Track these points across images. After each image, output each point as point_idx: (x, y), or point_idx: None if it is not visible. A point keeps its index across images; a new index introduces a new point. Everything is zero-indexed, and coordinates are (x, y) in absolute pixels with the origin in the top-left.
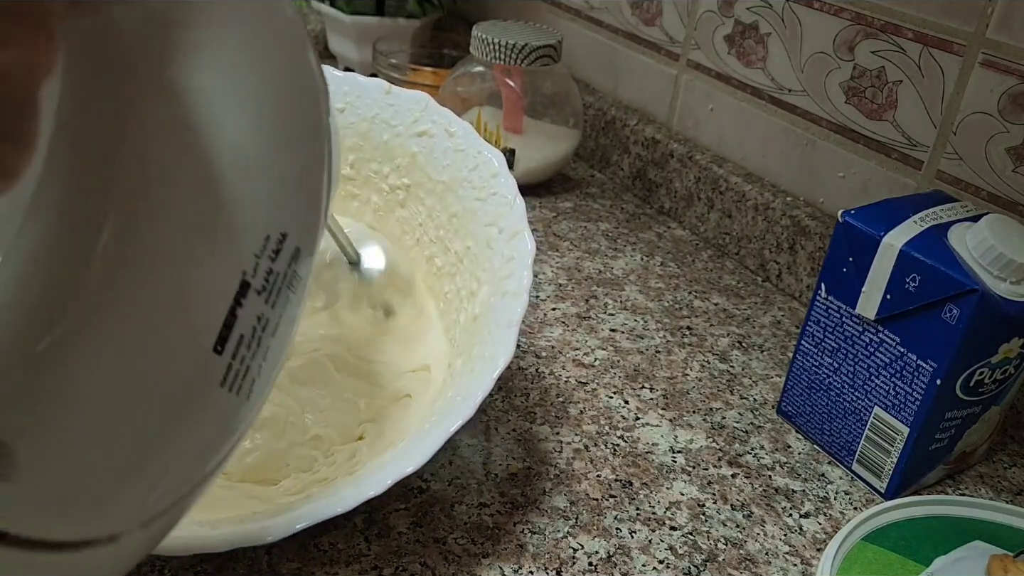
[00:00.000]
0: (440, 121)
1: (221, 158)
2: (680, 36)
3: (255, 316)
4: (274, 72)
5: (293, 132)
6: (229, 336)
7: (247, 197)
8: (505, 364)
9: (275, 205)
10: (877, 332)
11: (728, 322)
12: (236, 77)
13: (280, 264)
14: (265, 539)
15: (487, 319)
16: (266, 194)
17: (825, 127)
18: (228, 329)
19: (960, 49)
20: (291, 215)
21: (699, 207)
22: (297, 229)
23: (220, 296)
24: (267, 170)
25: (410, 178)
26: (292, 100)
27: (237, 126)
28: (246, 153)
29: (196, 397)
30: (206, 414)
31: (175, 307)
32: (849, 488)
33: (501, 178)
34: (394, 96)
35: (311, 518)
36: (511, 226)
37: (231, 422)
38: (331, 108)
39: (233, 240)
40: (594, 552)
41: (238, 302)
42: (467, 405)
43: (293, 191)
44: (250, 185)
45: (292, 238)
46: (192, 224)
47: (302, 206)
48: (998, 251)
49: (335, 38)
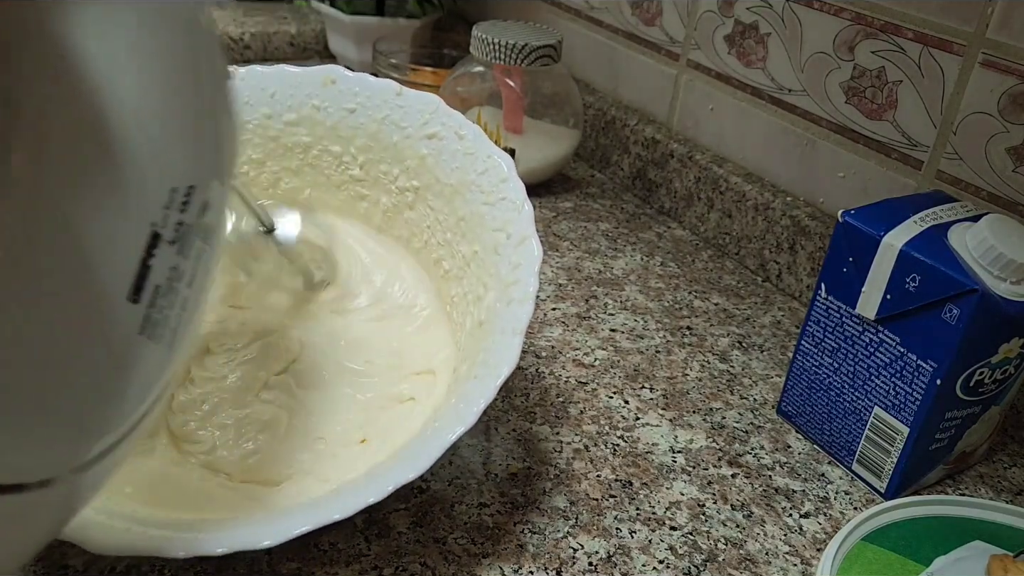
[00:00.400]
0: (450, 124)
1: (116, 115)
2: (680, 36)
3: (169, 267)
4: (162, 24)
5: (189, 86)
6: (144, 286)
7: (147, 152)
8: (509, 372)
9: (178, 158)
10: (877, 332)
11: (728, 322)
12: (123, 29)
13: (190, 215)
14: (261, 544)
15: (493, 325)
16: (167, 148)
17: (825, 127)
18: (143, 279)
19: (960, 49)
20: (196, 168)
21: (699, 207)
22: (204, 181)
23: (131, 248)
24: (165, 125)
25: (419, 180)
26: (183, 53)
27: (129, 81)
28: (141, 108)
29: (116, 345)
30: (128, 361)
31: (84, 259)
32: (849, 488)
33: (510, 183)
34: (405, 98)
35: (310, 524)
36: (519, 232)
37: (154, 370)
38: (227, 65)
39: (138, 194)
40: (594, 552)
41: (150, 253)
42: (469, 412)
43: (195, 144)
44: (150, 140)
45: (200, 190)
46: (91, 179)
47: (206, 159)
48: (998, 251)
49: (335, 38)
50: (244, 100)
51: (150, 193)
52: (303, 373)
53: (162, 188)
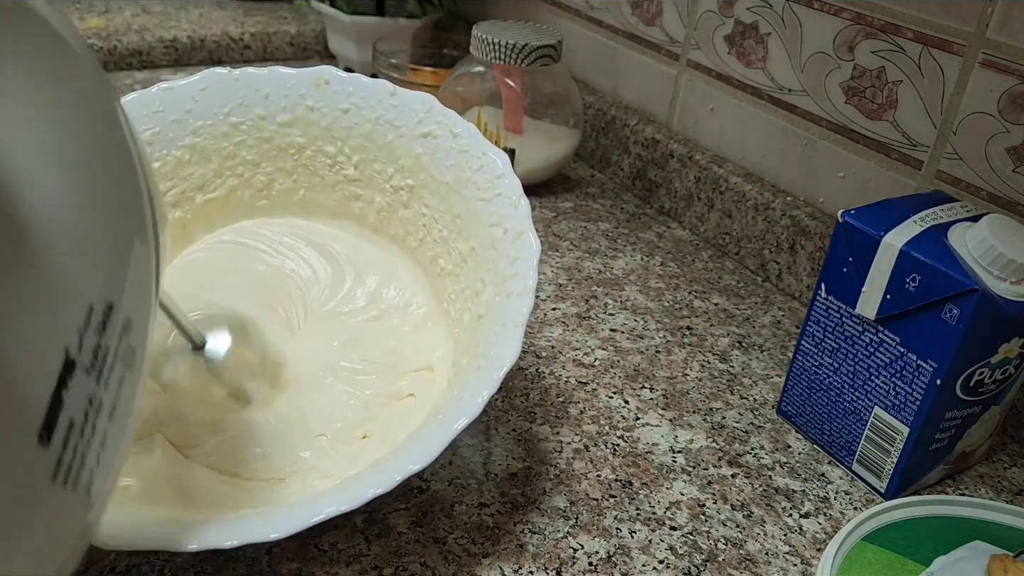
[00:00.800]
0: (444, 122)
1: (26, 226)
2: (680, 36)
3: (85, 398)
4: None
5: (108, 195)
6: (56, 423)
7: (62, 264)
8: (511, 363)
9: (95, 272)
10: (877, 332)
11: (728, 322)
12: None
13: (109, 338)
14: (269, 536)
15: (492, 319)
16: (83, 261)
17: (825, 127)
18: (54, 416)
19: (960, 49)
20: (115, 283)
21: (699, 207)
22: (125, 299)
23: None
24: (83, 236)
25: (414, 179)
26: (103, 159)
27: (43, 186)
28: (55, 217)
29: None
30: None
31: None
32: (849, 488)
33: (506, 179)
34: (399, 97)
35: (317, 515)
36: (516, 227)
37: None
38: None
39: (51, 311)
40: (594, 552)
41: (63, 383)
42: (473, 403)
43: (115, 257)
44: (63, 250)
45: (121, 308)
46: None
47: (127, 273)
48: (998, 251)
49: (335, 38)
50: (238, 101)
51: (65, 311)
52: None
53: (78, 305)
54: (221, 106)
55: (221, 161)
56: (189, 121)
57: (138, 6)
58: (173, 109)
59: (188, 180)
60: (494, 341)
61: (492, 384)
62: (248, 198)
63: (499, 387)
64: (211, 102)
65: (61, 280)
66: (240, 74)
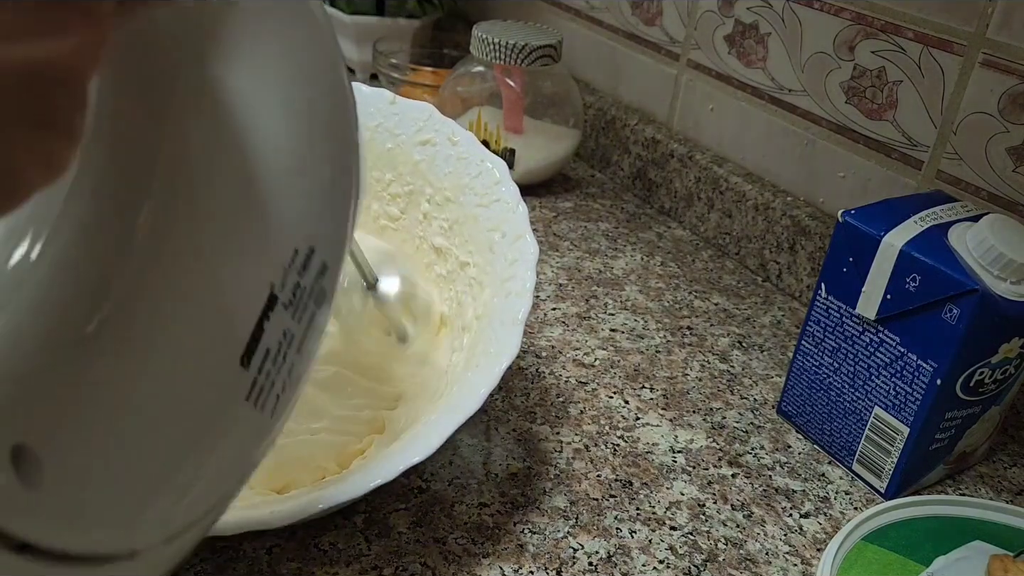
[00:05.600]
0: (443, 130)
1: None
2: (680, 36)
3: (281, 331)
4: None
5: (325, 143)
6: (256, 349)
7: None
8: (510, 359)
9: (305, 217)
10: (877, 332)
11: (728, 322)
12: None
13: (307, 279)
14: (273, 524)
15: (491, 318)
16: (297, 205)
17: (825, 127)
18: (255, 342)
19: (960, 49)
20: (320, 229)
21: (699, 207)
22: (325, 244)
23: (250, 307)
24: (299, 180)
25: (412, 186)
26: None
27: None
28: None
29: (222, 411)
30: (231, 429)
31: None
32: (849, 488)
33: (503, 186)
34: (398, 106)
35: (321, 504)
36: (514, 230)
37: (254, 439)
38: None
39: (265, 250)
40: (594, 552)
41: (266, 315)
42: (473, 399)
43: (322, 204)
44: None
45: (320, 253)
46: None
47: (330, 221)
48: (998, 251)
49: None
50: None
51: (274, 251)
52: None
53: (286, 247)
54: None
55: None
56: None
57: None
58: None
59: None
60: (493, 339)
61: (492, 379)
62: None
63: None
64: None
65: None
66: None
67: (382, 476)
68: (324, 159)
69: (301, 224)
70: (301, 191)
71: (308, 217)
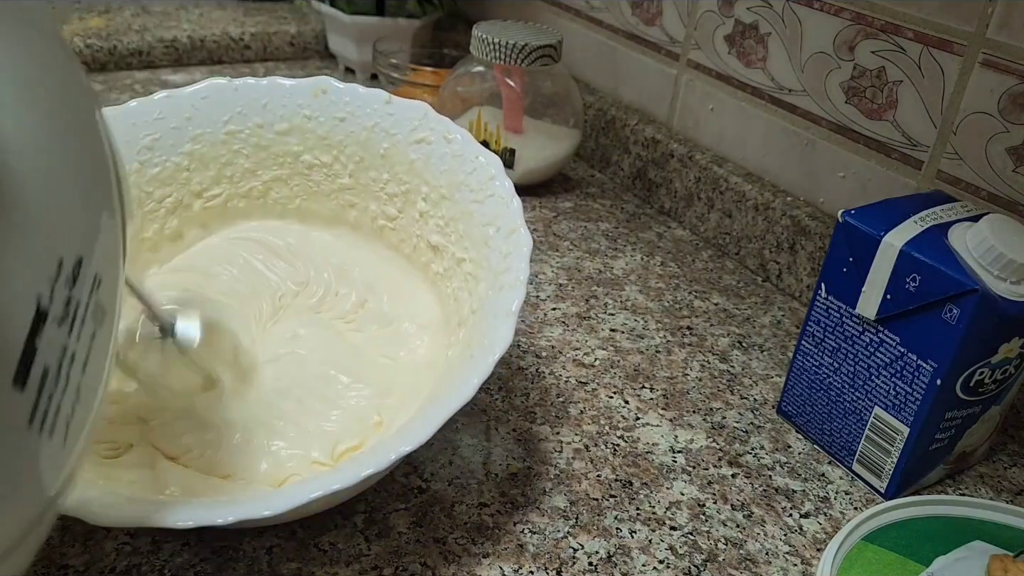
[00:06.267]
0: (438, 128)
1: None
2: (680, 36)
3: (59, 348)
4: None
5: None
6: (31, 369)
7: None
8: (503, 350)
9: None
10: (877, 332)
11: (728, 322)
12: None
13: (80, 291)
14: (262, 513)
15: (485, 311)
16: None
17: (825, 127)
18: (28, 362)
19: (960, 49)
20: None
21: (699, 207)
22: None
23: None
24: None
25: (409, 185)
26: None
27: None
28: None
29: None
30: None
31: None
32: (849, 488)
33: (497, 181)
34: (394, 106)
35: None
36: (508, 224)
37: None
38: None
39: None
40: (594, 552)
41: (36, 330)
42: (466, 389)
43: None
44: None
45: (90, 263)
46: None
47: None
48: (998, 251)
49: (335, 38)
50: (237, 110)
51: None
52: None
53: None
54: (220, 114)
55: (219, 168)
56: (188, 128)
57: (138, 6)
58: (173, 116)
59: (186, 186)
60: (487, 331)
61: (484, 370)
62: (244, 206)
63: (497, 387)
64: (211, 110)
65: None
66: (240, 84)
67: (374, 465)
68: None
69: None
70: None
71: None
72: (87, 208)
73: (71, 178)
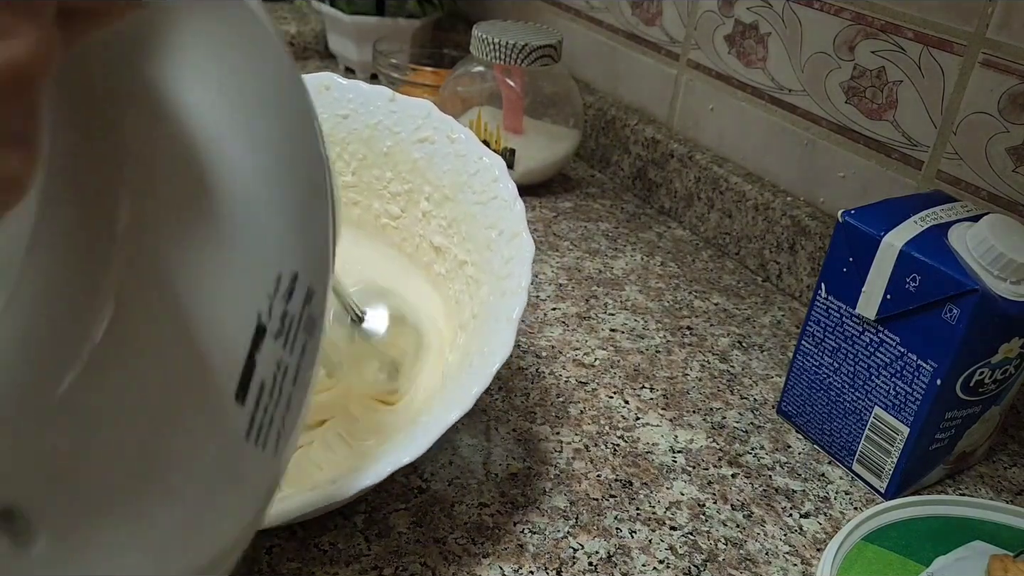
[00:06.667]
0: (442, 127)
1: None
2: (680, 36)
3: (274, 362)
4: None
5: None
6: (250, 384)
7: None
8: (503, 358)
9: (283, 241)
10: (877, 332)
11: (728, 322)
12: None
13: (294, 306)
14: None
15: (486, 317)
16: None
17: (825, 127)
18: (248, 376)
19: (960, 49)
20: (300, 253)
21: (699, 207)
22: (308, 268)
23: (237, 340)
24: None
25: (412, 184)
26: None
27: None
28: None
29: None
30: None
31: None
32: (849, 488)
33: (501, 183)
34: (398, 103)
35: (310, 504)
36: (511, 228)
37: (261, 479)
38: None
39: (246, 278)
40: (594, 552)
41: (256, 346)
42: (465, 398)
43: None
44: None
45: (304, 278)
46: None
47: (310, 243)
48: (998, 251)
49: (335, 38)
50: None
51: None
52: None
53: (269, 273)
54: None
55: None
56: None
57: None
58: None
59: None
60: (487, 338)
61: (484, 379)
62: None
63: (497, 387)
64: None
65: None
66: None
67: (372, 477)
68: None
69: (279, 248)
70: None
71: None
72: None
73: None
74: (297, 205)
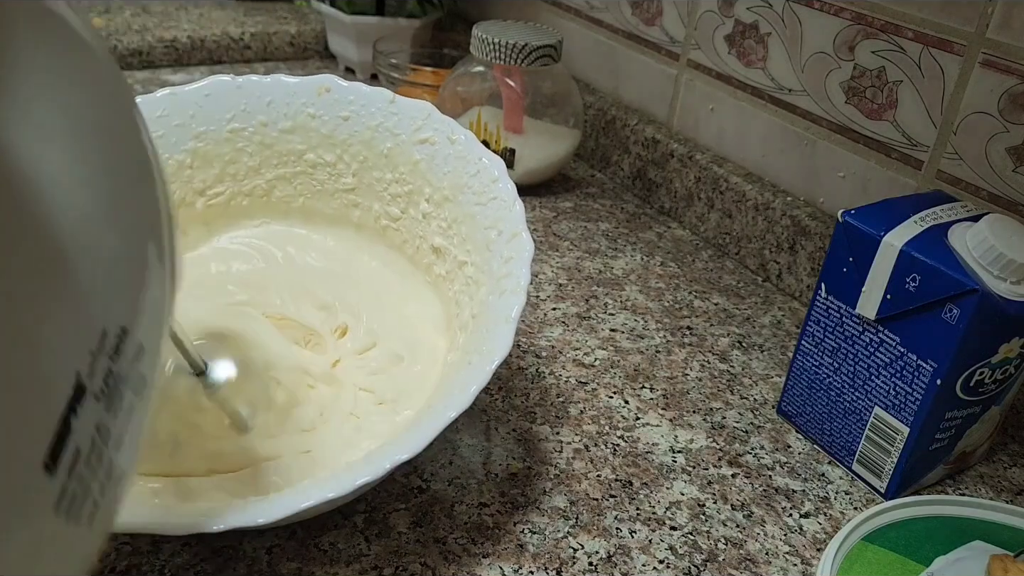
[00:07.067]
0: (442, 129)
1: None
2: (680, 36)
3: (94, 426)
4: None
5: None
6: (63, 451)
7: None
8: (502, 357)
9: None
10: (877, 332)
11: (728, 322)
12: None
13: (122, 364)
14: (256, 521)
15: (485, 317)
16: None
17: (825, 127)
18: (61, 443)
19: (960, 49)
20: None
21: (699, 207)
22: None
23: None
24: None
25: (412, 185)
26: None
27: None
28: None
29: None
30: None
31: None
32: (849, 488)
33: (500, 183)
34: (398, 105)
35: (306, 501)
36: (510, 228)
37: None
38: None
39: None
40: (594, 552)
41: (72, 409)
42: (463, 397)
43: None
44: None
45: (135, 334)
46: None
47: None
48: (998, 251)
49: (335, 38)
50: (241, 108)
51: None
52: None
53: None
54: (224, 112)
55: (222, 166)
56: (192, 126)
57: (138, 6)
58: (177, 113)
59: (189, 184)
60: (486, 337)
61: (483, 377)
62: (248, 204)
63: (497, 387)
64: (214, 108)
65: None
66: (243, 82)
67: (369, 474)
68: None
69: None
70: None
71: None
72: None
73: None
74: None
